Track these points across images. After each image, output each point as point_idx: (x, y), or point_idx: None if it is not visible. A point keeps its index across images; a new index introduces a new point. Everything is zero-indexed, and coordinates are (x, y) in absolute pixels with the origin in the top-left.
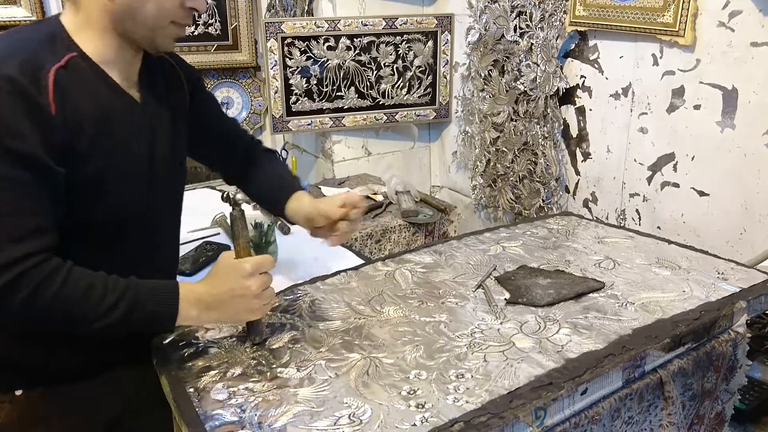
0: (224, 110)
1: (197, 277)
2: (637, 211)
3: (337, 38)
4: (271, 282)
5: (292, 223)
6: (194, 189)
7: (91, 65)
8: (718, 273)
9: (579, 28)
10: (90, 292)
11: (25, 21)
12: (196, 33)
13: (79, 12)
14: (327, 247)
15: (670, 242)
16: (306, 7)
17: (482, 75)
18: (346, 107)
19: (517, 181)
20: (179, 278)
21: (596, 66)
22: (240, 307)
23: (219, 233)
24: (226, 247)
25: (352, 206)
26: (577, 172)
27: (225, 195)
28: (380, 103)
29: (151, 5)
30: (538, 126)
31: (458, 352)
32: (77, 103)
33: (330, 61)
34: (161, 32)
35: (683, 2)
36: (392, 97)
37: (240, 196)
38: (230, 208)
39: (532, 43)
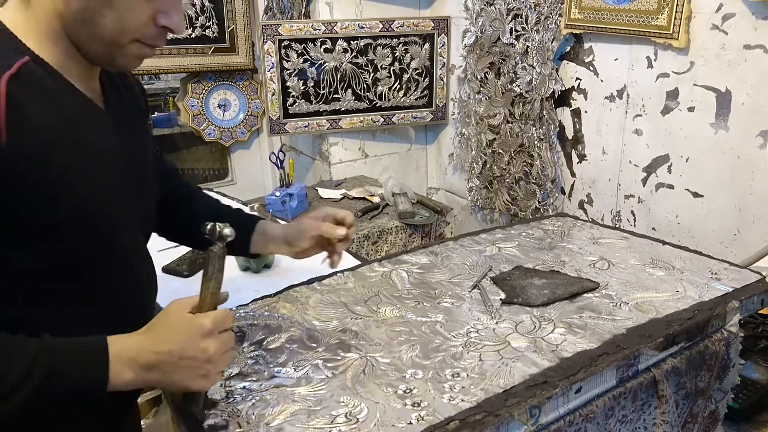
0: (222, 112)
1: (196, 277)
2: (632, 212)
3: (334, 41)
4: (232, 343)
5: (254, 256)
6: None
7: (49, 71)
8: (712, 273)
9: (574, 31)
10: None
11: None
12: (193, 35)
13: (28, 8)
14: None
15: (664, 243)
16: (303, 10)
17: (478, 77)
18: (343, 109)
19: (513, 183)
20: (178, 279)
21: (591, 68)
22: (190, 373)
23: None
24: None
25: (349, 225)
26: (573, 174)
27: (210, 227)
28: (377, 105)
29: (111, 17)
30: (534, 128)
31: (454, 351)
32: (38, 123)
33: (327, 64)
34: (121, 51)
35: (677, 5)
36: (389, 100)
37: (228, 231)
38: (213, 242)
39: (527, 46)
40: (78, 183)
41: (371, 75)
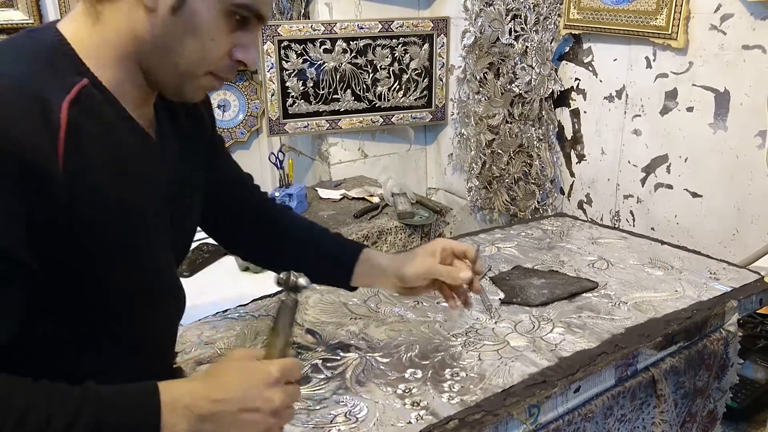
0: (221, 113)
1: (195, 277)
2: (631, 212)
3: (334, 41)
4: (298, 397)
5: (353, 289)
6: None
7: (105, 96)
8: (710, 273)
9: (573, 31)
10: (27, 415)
11: (22, 25)
12: None
13: (97, 24)
14: None
15: (663, 243)
16: (302, 10)
17: (477, 78)
18: (342, 110)
19: (512, 183)
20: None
21: (590, 69)
22: (250, 428)
23: None
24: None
25: (473, 260)
26: (572, 174)
27: (284, 278)
28: (376, 105)
29: (192, 47)
30: (533, 128)
31: (453, 351)
32: (92, 151)
33: (326, 64)
34: (193, 82)
35: (676, 5)
36: (388, 100)
37: (303, 281)
38: (284, 292)
39: (526, 46)
40: (122, 213)
41: (370, 75)
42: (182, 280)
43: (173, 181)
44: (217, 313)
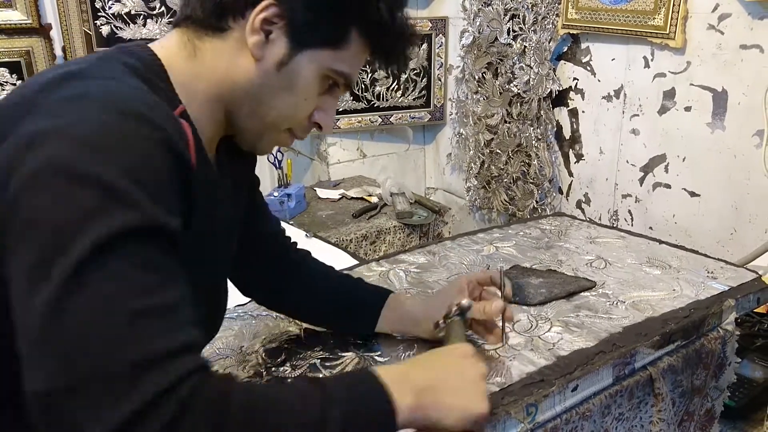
0: None
1: None
2: (629, 211)
3: None
4: None
5: (374, 335)
6: None
7: (190, 123)
8: (708, 272)
9: (571, 31)
10: (283, 409)
11: (21, 25)
12: None
13: (193, 59)
14: (320, 248)
15: (660, 242)
16: None
17: (476, 77)
18: (341, 110)
19: (511, 183)
20: None
21: (588, 68)
22: (471, 391)
23: None
24: None
25: (498, 285)
26: (570, 174)
27: (456, 309)
28: (375, 105)
29: (286, 103)
30: (532, 128)
31: None
32: (199, 168)
33: None
34: (272, 135)
35: (673, 5)
36: (387, 100)
37: (466, 302)
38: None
39: (525, 46)
40: (208, 237)
41: (369, 75)
42: None
43: (226, 217)
44: None
